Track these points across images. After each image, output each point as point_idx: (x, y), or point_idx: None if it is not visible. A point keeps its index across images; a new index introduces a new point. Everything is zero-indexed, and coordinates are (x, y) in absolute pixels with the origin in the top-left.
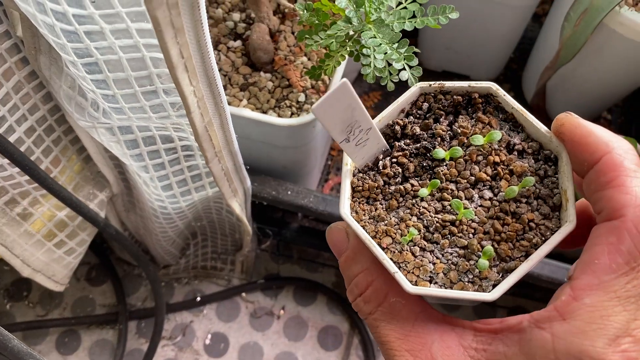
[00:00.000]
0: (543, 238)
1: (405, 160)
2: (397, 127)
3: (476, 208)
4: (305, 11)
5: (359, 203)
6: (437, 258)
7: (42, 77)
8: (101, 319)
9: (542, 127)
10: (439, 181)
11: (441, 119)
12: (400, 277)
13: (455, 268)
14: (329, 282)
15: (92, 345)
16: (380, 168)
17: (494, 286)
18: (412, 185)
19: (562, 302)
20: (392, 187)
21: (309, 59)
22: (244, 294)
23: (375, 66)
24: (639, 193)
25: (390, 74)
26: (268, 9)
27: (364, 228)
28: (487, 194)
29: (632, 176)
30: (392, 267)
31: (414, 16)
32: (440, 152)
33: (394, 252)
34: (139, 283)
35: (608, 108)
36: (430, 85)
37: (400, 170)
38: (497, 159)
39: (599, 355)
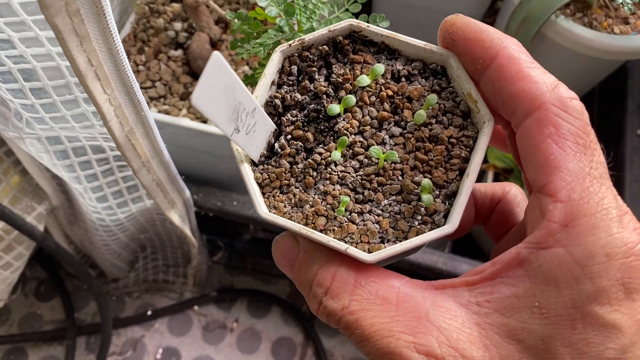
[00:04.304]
0: (469, 149)
1: (300, 132)
2: (277, 102)
3: (392, 148)
4: (236, 20)
5: (274, 196)
6: (379, 215)
7: None
8: (49, 335)
9: (419, 43)
10: (346, 137)
11: (316, 76)
12: (353, 251)
13: (401, 217)
14: (283, 294)
15: None
16: (279, 150)
17: (446, 217)
18: (320, 154)
19: (553, 211)
20: (301, 165)
21: (250, 68)
22: (196, 307)
23: None
24: (547, 79)
25: None
26: (208, 18)
27: (291, 220)
28: (396, 130)
29: (533, 67)
30: (340, 245)
31: None
32: (334, 107)
33: (334, 229)
34: (89, 297)
35: None
36: (290, 45)
37: (300, 144)
38: (389, 92)
39: (624, 241)
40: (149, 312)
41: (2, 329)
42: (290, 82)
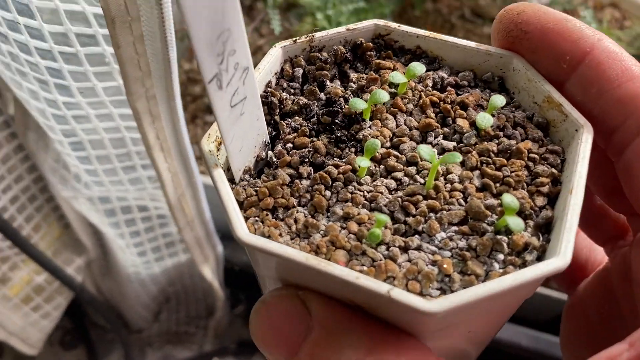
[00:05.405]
0: (559, 168)
1: (305, 139)
2: (274, 100)
3: (446, 167)
4: None
5: (262, 221)
6: (434, 254)
7: (28, 150)
8: None
9: (469, 44)
10: (377, 142)
11: (328, 83)
12: (401, 294)
13: (472, 255)
14: None
15: None
16: (275, 160)
17: (540, 259)
18: (337, 166)
19: None
20: (306, 182)
21: None
22: (215, 359)
23: None
24: None
25: None
26: None
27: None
28: (448, 144)
29: None
30: (377, 285)
31: None
32: (358, 102)
33: (363, 269)
34: (112, 347)
35: None
36: (294, 41)
37: (306, 151)
38: (433, 98)
39: None
40: None
41: None
42: (292, 91)
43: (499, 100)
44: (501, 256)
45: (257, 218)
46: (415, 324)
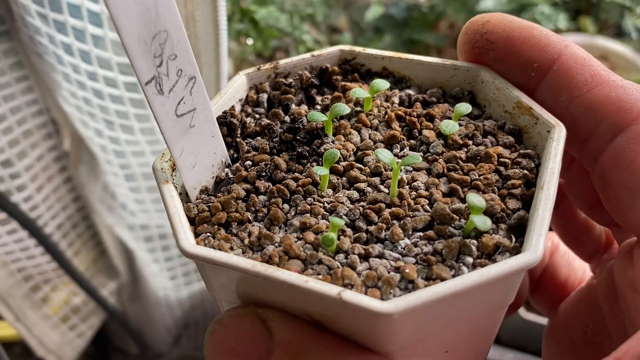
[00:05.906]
0: (533, 171)
1: (265, 156)
2: (234, 122)
3: (411, 175)
4: None
5: (214, 235)
6: (397, 260)
7: (77, 182)
8: None
9: (435, 60)
10: (336, 151)
11: (292, 106)
12: (352, 296)
13: (437, 259)
14: None
15: None
16: (231, 175)
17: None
18: (296, 179)
19: None
20: (263, 197)
21: None
22: None
23: None
24: (633, 84)
25: None
26: None
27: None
28: (415, 155)
29: (609, 70)
30: (327, 288)
31: None
32: (317, 115)
33: (319, 279)
34: None
35: None
36: (258, 69)
37: (262, 166)
38: (399, 112)
39: None
40: None
41: None
42: (257, 116)
43: (464, 107)
44: (470, 259)
45: (208, 234)
46: (379, 338)
